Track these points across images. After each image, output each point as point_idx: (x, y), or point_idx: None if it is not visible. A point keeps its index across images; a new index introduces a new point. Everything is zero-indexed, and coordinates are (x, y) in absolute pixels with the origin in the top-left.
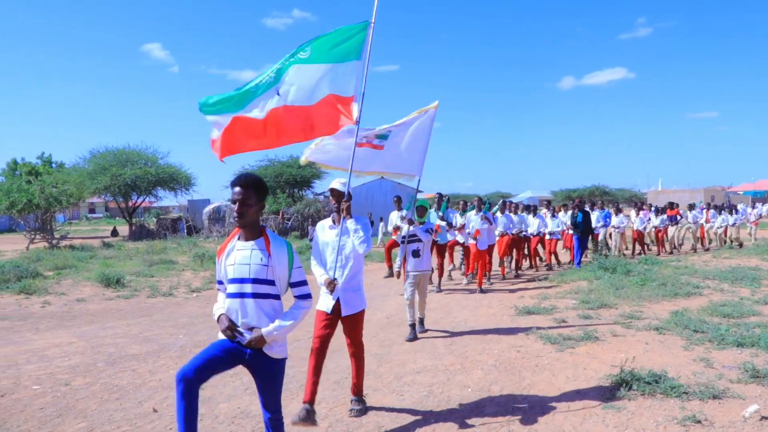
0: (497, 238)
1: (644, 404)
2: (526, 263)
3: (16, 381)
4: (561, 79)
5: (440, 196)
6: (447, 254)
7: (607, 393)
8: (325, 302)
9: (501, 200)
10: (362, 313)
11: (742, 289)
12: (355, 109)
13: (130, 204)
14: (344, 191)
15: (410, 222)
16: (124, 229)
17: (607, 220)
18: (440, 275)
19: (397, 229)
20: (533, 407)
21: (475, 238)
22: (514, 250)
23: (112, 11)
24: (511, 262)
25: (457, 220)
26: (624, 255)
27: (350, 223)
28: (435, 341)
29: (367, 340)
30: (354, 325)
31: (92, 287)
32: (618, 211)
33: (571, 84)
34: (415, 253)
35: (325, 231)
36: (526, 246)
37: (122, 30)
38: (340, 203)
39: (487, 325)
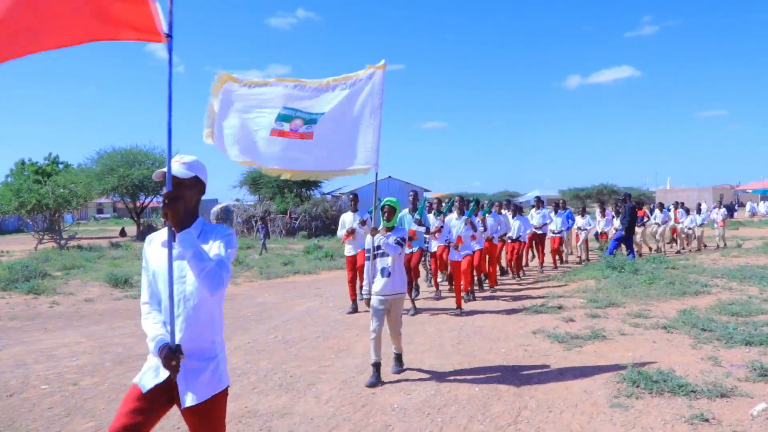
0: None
1: (652, 403)
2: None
3: (25, 380)
4: (567, 78)
5: (415, 195)
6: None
7: (615, 392)
8: (148, 377)
9: (487, 201)
10: (221, 396)
11: (751, 287)
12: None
13: (137, 204)
14: (167, 179)
15: (373, 230)
16: (132, 230)
17: (570, 221)
18: (409, 290)
19: (350, 233)
20: (540, 406)
21: (456, 247)
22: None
23: None
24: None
25: (431, 221)
26: (584, 261)
27: (186, 239)
28: (442, 341)
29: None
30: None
31: (100, 287)
32: (583, 212)
33: (578, 83)
34: (384, 271)
35: (157, 249)
36: (501, 253)
37: None
38: (170, 200)
39: (495, 324)
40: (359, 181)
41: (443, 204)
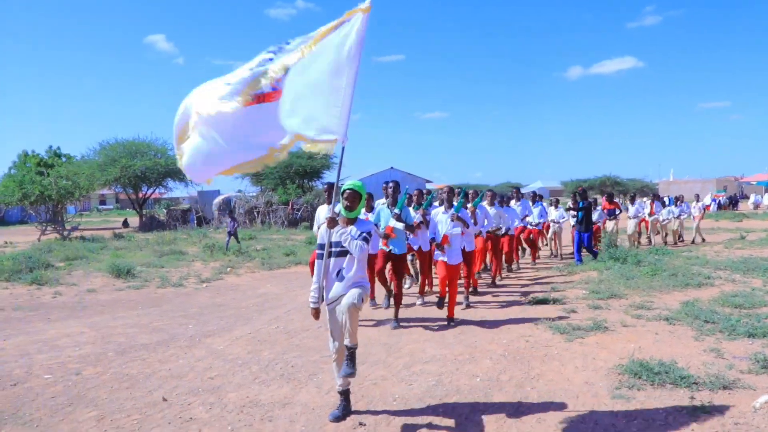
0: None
1: (653, 394)
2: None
3: (28, 370)
4: (568, 69)
5: (396, 185)
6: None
7: (617, 383)
8: None
9: (484, 191)
10: None
11: (755, 279)
12: None
13: (140, 195)
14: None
15: (330, 221)
16: (134, 221)
17: (544, 214)
18: (396, 303)
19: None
20: (542, 397)
21: (442, 248)
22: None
23: (114, 3)
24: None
25: (411, 215)
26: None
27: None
28: (444, 331)
29: (375, 330)
30: None
31: (103, 278)
32: (556, 204)
33: (579, 73)
34: (339, 273)
35: None
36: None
37: (126, 22)
38: None
39: (496, 315)
40: (361, 171)
41: (424, 196)
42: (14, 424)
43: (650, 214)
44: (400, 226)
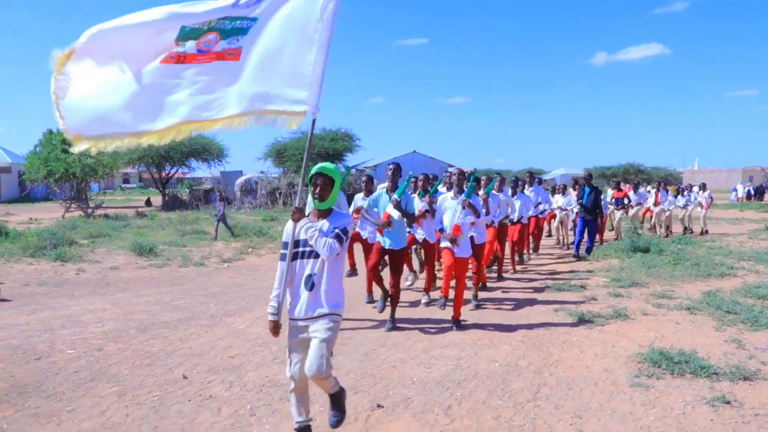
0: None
1: (673, 383)
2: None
3: (52, 345)
4: (594, 55)
5: (396, 167)
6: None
7: (636, 371)
8: None
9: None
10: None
11: None
12: None
13: (163, 175)
14: None
15: (296, 213)
16: (157, 200)
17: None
18: (393, 303)
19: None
20: (560, 383)
21: (453, 240)
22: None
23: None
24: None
25: (415, 203)
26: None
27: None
28: (463, 315)
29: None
30: None
31: (125, 256)
32: (563, 190)
33: (604, 60)
34: (308, 280)
35: None
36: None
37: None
38: None
39: (517, 301)
40: (383, 155)
41: (431, 182)
42: (38, 397)
43: (655, 204)
44: (396, 215)
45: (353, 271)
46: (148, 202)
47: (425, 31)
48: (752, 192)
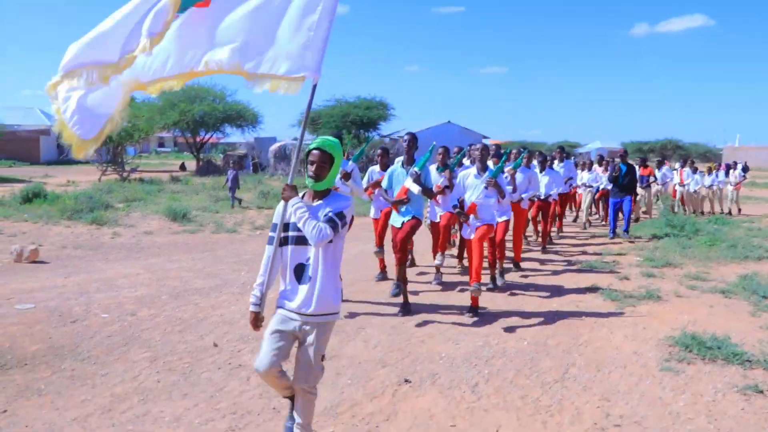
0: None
1: (704, 369)
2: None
3: (87, 308)
4: (634, 26)
5: (413, 137)
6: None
7: (666, 355)
8: None
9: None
10: None
11: None
12: None
13: (197, 140)
14: None
15: (287, 191)
16: (191, 164)
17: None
18: (405, 298)
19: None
20: (589, 364)
21: (467, 218)
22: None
23: None
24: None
25: (432, 178)
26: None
27: None
28: (494, 294)
29: (425, 287)
30: None
31: (159, 221)
32: (590, 166)
33: (645, 31)
34: (299, 270)
35: None
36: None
37: None
38: None
39: (547, 279)
40: (418, 124)
41: (451, 156)
42: (73, 360)
43: (680, 184)
44: (416, 189)
45: (383, 274)
46: (182, 167)
47: None
48: None
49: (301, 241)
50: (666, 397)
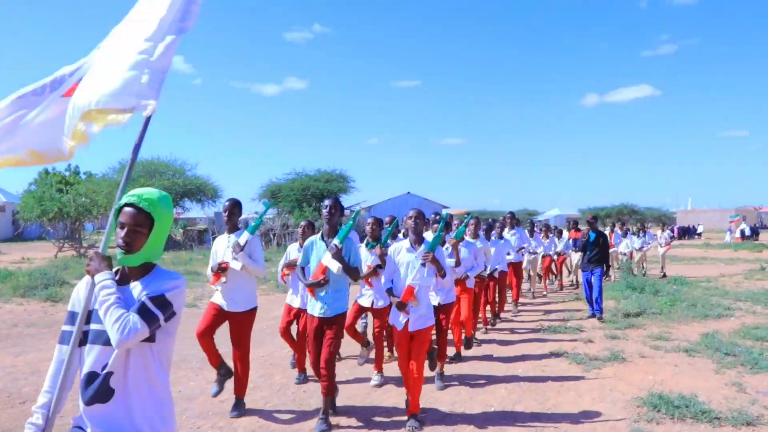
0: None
1: (673, 428)
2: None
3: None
4: (585, 96)
5: (335, 202)
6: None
7: (635, 416)
8: None
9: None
10: None
11: None
12: None
13: None
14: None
15: (94, 261)
16: None
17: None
18: (328, 389)
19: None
20: (558, 428)
21: (404, 306)
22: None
23: None
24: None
25: (361, 255)
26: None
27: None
28: (459, 363)
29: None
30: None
31: None
32: (560, 233)
33: (595, 101)
34: (90, 382)
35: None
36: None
37: None
38: None
39: (512, 343)
40: (377, 196)
41: (383, 228)
42: None
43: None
44: (335, 267)
45: (303, 375)
46: None
47: (417, 72)
48: (744, 232)
49: (103, 337)
50: None
